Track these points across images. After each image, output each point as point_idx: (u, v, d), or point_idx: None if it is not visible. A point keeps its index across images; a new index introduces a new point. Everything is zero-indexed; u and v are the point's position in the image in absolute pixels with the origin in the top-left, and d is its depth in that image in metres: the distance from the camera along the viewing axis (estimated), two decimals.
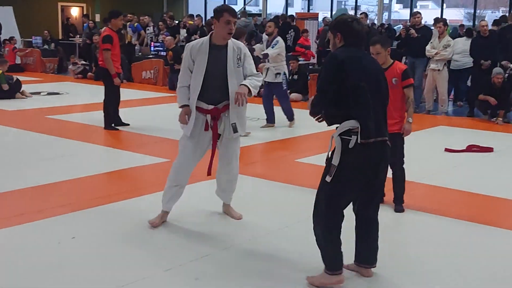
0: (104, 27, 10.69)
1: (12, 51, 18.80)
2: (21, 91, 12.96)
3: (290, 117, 9.78)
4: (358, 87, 3.70)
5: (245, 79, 4.79)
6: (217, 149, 4.95)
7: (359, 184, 3.85)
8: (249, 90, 4.70)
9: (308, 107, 3.88)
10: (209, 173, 5.02)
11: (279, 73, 9.38)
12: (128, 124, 9.48)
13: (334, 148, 3.77)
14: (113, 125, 9.35)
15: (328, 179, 3.75)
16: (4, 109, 11.29)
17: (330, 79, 3.72)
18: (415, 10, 18.74)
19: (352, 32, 3.85)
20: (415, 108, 11.66)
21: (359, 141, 3.68)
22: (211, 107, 4.77)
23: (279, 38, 9.49)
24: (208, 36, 4.81)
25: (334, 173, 3.73)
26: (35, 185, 6.17)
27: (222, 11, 4.68)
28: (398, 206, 5.58)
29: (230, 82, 4.73)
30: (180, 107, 4.83)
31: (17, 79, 13.17)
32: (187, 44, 5.02)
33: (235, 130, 4.83)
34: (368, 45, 5.23)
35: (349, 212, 3.97)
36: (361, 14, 15.18)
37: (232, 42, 4.81)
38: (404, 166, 5.61)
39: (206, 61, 4.71)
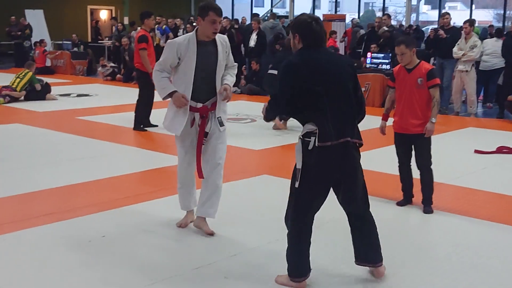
0: (138, 29, 10.79)
1: (43, 53, 19.02)
2: (50, 93, 13.14)
3: None
4: (313, 91, 3.65)
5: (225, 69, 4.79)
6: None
7: (324, 187, 3.81)
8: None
9: (262, 112, 3.84)
10: (200, 176, 4.82)
11: None
12: (157, 126, 9.55)
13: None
14: (141, 126, 9.42)
15: (296, 184, 3.75)
16: (36, 110, 11.47)
17: (286, 85, 3.70)
18: (443, 11, 18.58)
19: (311, 33, 3.76)
20: (444, 109, 11.66)
21: (316, 144, 3.65)
22: (200, 105, 4.71)
23: None
24: (194, 33, 4.66)
25: (300, 177, 3.72)
26: (66, 185, 6.24)
27: (208, 9, 4.53)
28: (427, 207, 5.53)
29: (219, 78, 4.70)
30: (168, 95, 4.66)
31: (46, 82, 13.36)
32: (170, 40, 4.85)
33: (221, 124, 4.76)
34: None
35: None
36: (384, 15, 15.05)
37: (218, 37, 4.69)
38: (432, 167, 5.57)
39: (195, 59, 4.60)
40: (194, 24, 18.11)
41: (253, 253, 4.49)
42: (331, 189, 3.88)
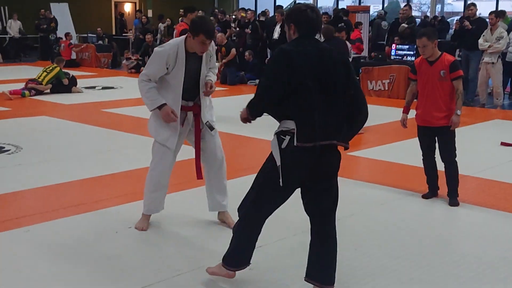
0: (180, 22, 10.85)
1: (68, 46, 19.20)
2: (76, 86, 13.28)
3: None
4: (302, 85, 3.32)
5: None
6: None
7: (290, 190, 3.50)
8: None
9: (241, 112, 3.53)
10: (199, 177, 4.81)
11: None
12: None
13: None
14: None
15: (281, 183, 3.39)
16: (62, 103, 11.59)
17: (277, 75, 3.35)
18: (469, 2, 18.34)
19: (306, 22, 3.45)
20: (470, 101, 11.56)
21: (294, 144, 3.32)
22: (191, 103, 4.68)
23: None
24: (182, 42, 4.50)
25: (265, 173, 3.51)
26: (92, 176, 6.31)
27: (199, 31, 4.31)
28: (453, 199, 5.52)
29: (202, 82, 4.66)
30: (158, 107, 4.58)
31: (73, 75, 13.50)
32: (158, 49, 4.63)
33: (211, 128, 4.73)
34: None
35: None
36: (405, 6, 14.92)
37: None
38: (456, 159, 5.55)
39: (184, 70, 4.52)
40: (219, 16, 18.18)
41: (279, 244, 4.52)
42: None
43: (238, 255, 3.71)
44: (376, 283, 3.91)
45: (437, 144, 5.60)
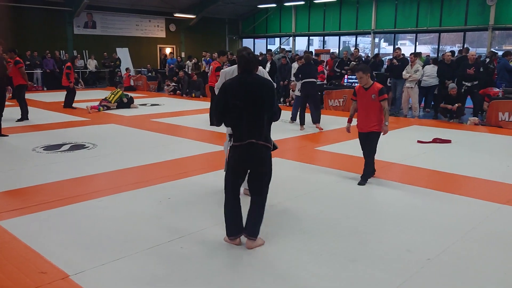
0: (214, 61, 10.66)
1: (128, 77, 19.28)
2: (133, 104, 13.28)
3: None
4: (233, 105, 3.43)
5: None
6: None
7: (238, 172, 3.57)
8: None
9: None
10: None
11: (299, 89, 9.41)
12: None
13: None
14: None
15: (224, 169, 3.76)
16: (123, 115, 11.57)
17: (219, 99, 3.49)
18: (396, 46, 18.33)
19: (243, 62, 3.51)
20: (397, 113, 11.58)
21: (231, 143, 3.55)
22: None
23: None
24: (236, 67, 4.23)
25: (226, 164, 3.74)
26: (145, 164, 6.31)
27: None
28: (362, 180, 5.40)
29: None
30: None
31: (131, 96, 13.47)
32: (223, 70, 4.61)
33: (274, 147, 4.37)
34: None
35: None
36: (355, 49, 15.09)
37: None
38: (374, 155, 5.47)
39: None
40: (229, 56, 18.10)
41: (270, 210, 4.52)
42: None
43: (230, 226, 3.66)
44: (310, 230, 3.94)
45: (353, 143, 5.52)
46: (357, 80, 13.72)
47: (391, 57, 13.69)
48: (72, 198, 4.79)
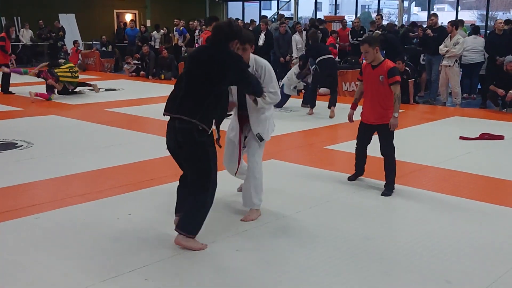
0: (205, 30, 10.75)
1: (76, 52, 19.23)
2: (93, 85, 13.19)
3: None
4: (184, 73, 4.01)
5: None
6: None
7: (171, 153, 4.19)
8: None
9: None
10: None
11: None
12: None
13: None
14: None
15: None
16: (68, 103, 11.52)
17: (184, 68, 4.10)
18: (432, 12, 18.43)
19: (215, 31, 4.04)
20: (432, 100, 11.62)
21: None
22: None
23: None
24: None
25: None
26: (96, 169, 6.29)
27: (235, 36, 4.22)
28: (386, 191, 5.39)
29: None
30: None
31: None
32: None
33: (261, 139, 4.66)
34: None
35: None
36: (377, 15, 15.02)
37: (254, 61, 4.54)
38: (395, 154, 5.48)
39: None
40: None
41: (263, 229, 4.53)
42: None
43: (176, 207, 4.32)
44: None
45: (376, 139, 5.55)
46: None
47: (425, 26, 13.72)
48: None
